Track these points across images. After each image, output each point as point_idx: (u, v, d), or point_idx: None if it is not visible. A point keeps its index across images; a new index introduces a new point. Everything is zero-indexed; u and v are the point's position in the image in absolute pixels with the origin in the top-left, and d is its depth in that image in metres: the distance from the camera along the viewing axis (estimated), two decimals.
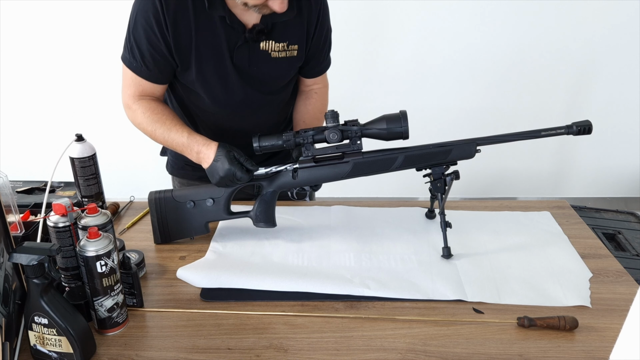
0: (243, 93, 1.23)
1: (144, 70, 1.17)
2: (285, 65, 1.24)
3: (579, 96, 2.70)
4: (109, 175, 1.45)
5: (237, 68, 1.19)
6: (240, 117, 1.28)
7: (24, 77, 2.64)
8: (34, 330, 0.85)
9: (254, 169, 1.13)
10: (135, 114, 1.21)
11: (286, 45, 1.21)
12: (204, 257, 1.14)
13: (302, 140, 1.12)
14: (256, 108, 1.27)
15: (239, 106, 1.25)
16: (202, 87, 1.20)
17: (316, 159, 1.14)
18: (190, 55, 1.15)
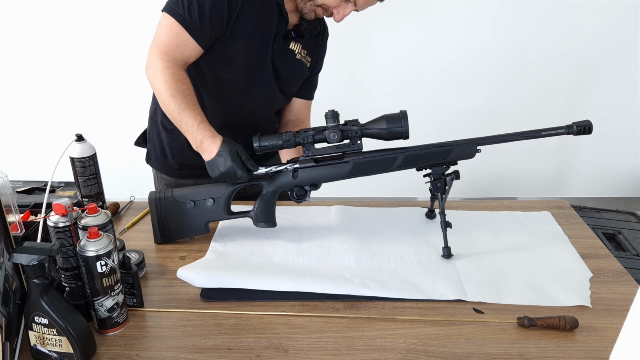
0: (268, 80, 1.28)
1: (196, 28, 1.15)
2: (302, 69, 1.35)
3: (579, 96, 2.70)
4: (109, 175, 1.46)
5: (273, 55, 1.27)
6: (250, 104, 1.31)
7: (24, 77, 2.64)
8: (34, 330, 0.85)
9: (254, 169, 1.13)
10: (158, 74, 1.15)
11: (305, 53, 1.33)
12: (204, 257, 1.14)
13: (303, 140, 1.12)
14: (268, 101, 1.33)
15: (257, 92, 1.29)
16: (237, 60, 1.24)
17: (316, 158, 1.14)
18: (245, 28, 1.19)
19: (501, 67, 2.59)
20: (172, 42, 1.15)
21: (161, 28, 1.17)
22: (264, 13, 1.21)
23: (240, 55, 1.23)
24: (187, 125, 1.13)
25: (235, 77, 1.26)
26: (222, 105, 1.31)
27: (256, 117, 1.35)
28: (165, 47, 1.16)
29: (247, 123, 1.31)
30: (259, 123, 1.36)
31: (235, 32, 1.20)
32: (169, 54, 1.15)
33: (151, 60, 1.17)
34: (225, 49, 1.22)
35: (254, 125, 1.31)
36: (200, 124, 1.12)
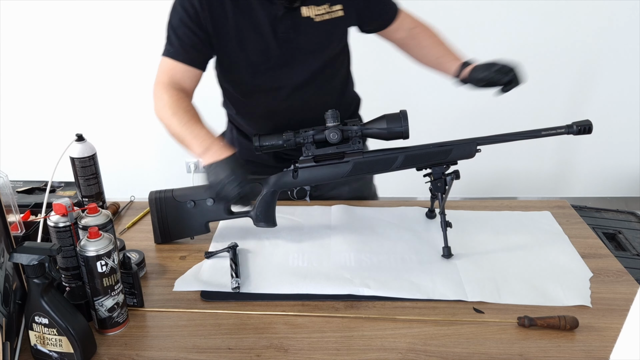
0: (288, 69, 1.22)
1: (180, 52, 1.16)
2: (331, 28, 1.21)
3: (579, 96, 2.70)
4: (109, 175, 1.45)
5: (282, 42, 1.18)
6: (285, 101, 1.26)
7: (25, 77, 2.64)
8: (34, 330, 0.85)
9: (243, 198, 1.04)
10: (158, 100, 1.15)
11: (328, 6, 1.19)
12: (201, 263, 1.13)
13: (303, 140, 1.12)
14: (304, 85, 1.25)
15: (285, 85, 1.24)
16: (247, 69, 1.21)
17: (316, 158, 1.14)
18: (229, 37, 1.17)
19: None
20: (165, 74, 1.17)
21: (158, 69, 1.20)
22: (243, 12, 1.15)
23: (240, 58, 1.20)
24: (193, 134, 1.08)
25: (248, 80, 1.24)
26: (261, 112, 1.29)
27: (307, 108, 1.26)
28: (162, 79, 1.17)
29: (302, 117, 1.21)
30: (311, 103, 1.27)
31: (221, 37, 1.17)
32: (164, 83, 1.17)
33: (154, 97, 1.17)
34: (226, 58, 1.21)
35: (309, 110, 1.24)
36: (209, 133, 1.09)
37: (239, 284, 1.04)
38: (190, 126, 1.09)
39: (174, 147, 2.86)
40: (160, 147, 2.83)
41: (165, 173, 2.88)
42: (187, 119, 1.11)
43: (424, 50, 1.32)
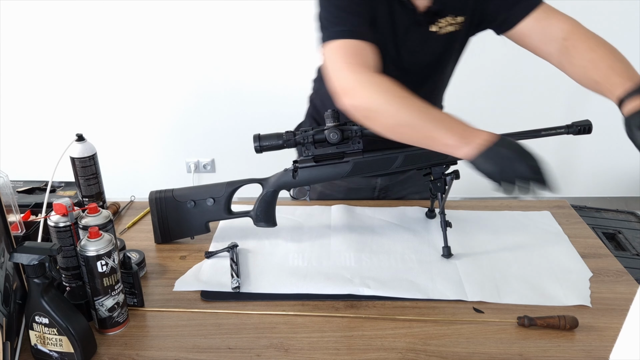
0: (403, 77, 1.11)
1: (364, 30, 0.99)
2: (453, 40, 1.15)
3: (579, 96, 2.70)
4: (109, 175, 1.46)
5: (407, 54, 1.11)
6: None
7: (24, 77, 2.65)
8: (34, 329, 0.85)
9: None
10: (369, 86, 0.94)
11: (451, 18, 1.10)
12: (200, 263, 1.13)
13: (302, 139, 1.12)
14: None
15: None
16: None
17: (316, 158, 1.14)
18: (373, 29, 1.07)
19: (501, 66, 2.59)
20: (350, 61, 0.97)
21: (332, 57, 1.00)
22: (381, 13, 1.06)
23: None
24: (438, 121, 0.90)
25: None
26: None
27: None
28: (347, 62, 0.97)
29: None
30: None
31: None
32: (357, 65, 0.96)
33: (343, 84, 0.97)
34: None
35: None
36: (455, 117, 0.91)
37: (239, 283, 1.04)
38: (432, 112, 0.90)
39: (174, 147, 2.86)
40: (160, 147, 2.83)
41: (165, 173, 2.88)
42: (424, 105, 0.91)
43: (579, 70, 1.09)
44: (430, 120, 0.89)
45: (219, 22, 2.54)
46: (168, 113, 2.74)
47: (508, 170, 0.86)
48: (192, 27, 2.56)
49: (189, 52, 2.61)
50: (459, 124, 0.89)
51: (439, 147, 0.90)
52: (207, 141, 2.83)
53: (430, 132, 0.89)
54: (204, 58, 2.62)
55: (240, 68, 2.63)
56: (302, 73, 2.64)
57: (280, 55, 2.60)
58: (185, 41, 2.59)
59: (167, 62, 2.63)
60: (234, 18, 2.53)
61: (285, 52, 2.60)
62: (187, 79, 2.67)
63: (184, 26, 2.55)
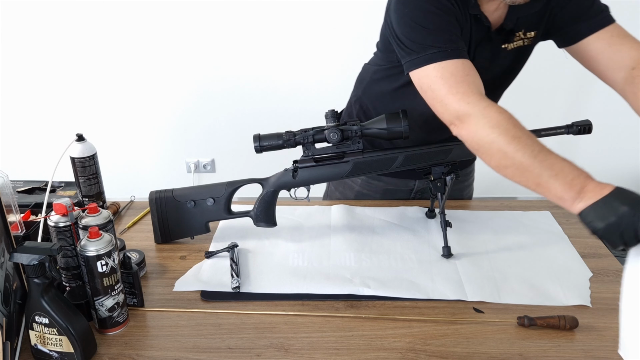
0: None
1: (461, 46, 0.96)
2: (522, 55, 1.13)
3: (579, 96, 2.70)
4: (109, 175, 1.46)
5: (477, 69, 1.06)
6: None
7: (24, 77, 2.65)
8: (34, 329, 0.85)
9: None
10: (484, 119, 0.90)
11: (522, 33, 1.07)
12: (200, 263, 1.13)
13: (302, 140, 1.12)
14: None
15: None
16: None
17: (316, 158, 1.14)
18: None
19: None
20: (456, 81, 0.93)
21: (433, 84, 0.96)
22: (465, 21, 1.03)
23: None
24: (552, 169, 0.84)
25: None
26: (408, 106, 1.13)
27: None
28: (454, 89, 0.93)
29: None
30: None
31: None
32: (472, 94, 0.92)
33: (455, 114, 0.93)
34: None
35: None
36: (573, 166, 0.85)
37: (239, 283, 1.04)
38: (546, 158, 0.85)
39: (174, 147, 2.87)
40: (160, 147, 2.83)
41: (165, 173, 2.88)
42: (538, 147, 0.86)
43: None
44: (546, 168, 0.84)
45: (219, 22, 2.54)
46: (168, 113, 2.74)
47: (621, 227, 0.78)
48: (192, 27, 2.56)
49: (189, 52, 2.61)
50: (575, 173, 0.83)
51: (552, 197, 0.85)
52: (207, 141, 2.83)
53: (545, 182, 0.84)
54: (204, 58, 2.62)
55: (240, 68, 2.63)
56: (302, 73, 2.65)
57: (280, 55, 2.60)
58: (185, 41, 2.59)
59: (167, 62, 2.63)
60: (234, 18, 2.53)
61: (286, 52, 2.60)
62: (187, 79, 2.67)
63: (184, 26, 2.55)
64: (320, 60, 2.60)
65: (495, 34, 1.06)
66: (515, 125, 0.89)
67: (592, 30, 1.06)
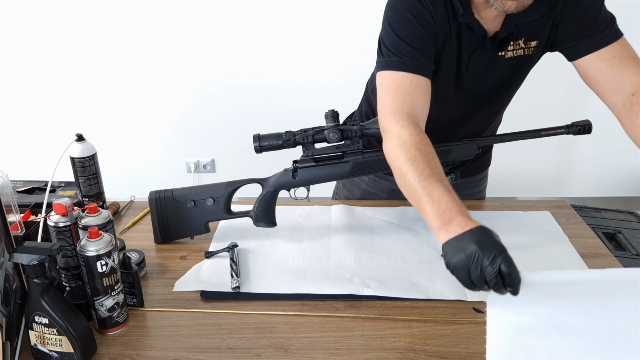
0: (466, 97, 1.14)
1: (421, 62, 0.99)
2: (521, 64, 1.11)
3: (579, 96, 2.70)
4: (109, 175, 1.46)
5: (472, 75, 1.09)
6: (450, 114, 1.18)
7: (24, 77, 2.65)
8: (34, 329, 0.85)
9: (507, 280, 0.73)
10: (394, 140, 0.95)
11: (522, 42, 1.06)
12: (200, 263, 1.13)
13: (302, 139, 1.12)
14: (474, 112, 1.17)
15: (455, 109, 1.16)
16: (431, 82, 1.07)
17: (316, 158, 1.14)
18: (438, 58, 1.06)
19: None
20: (396, 96, 0.98)
21: (380, 91, 1.01)
22: (453, 39, 1.04)
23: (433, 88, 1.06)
24: (431, 197, 0.85)
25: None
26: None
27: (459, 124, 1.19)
28: (391, 105, 0.99)
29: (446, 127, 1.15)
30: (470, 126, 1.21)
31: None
32: (398, 111, 0.97)
33: (382, 125, 1.00)
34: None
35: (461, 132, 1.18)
36: (452, 197, 0.85)
37: (239, 283, 1.04)
38: (429, 184, 0.87)
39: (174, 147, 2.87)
40: (160, 147, 2.83)
41: (165, 173, 2.88)
42: (428, 172, 0.88)
43: (638, 132, 1.03)
44: (426, 193, 0.86)
45: (219, 22, 2.54)
46: (168, 113, 2.74)
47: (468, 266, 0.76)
48: (192, 27, 2.56)
49: (189, 52, 2.61)
50: (450, 205, 0.83)
51: (427, 223, 0.86)
52: (207, 141, 2.83)
53: (424, 206, 0.86)
54: (204, 58, 2.62)
55: (240, 68, 2.63)
56: (302, 73, 2.65)
57: (280, 55, 2.60)
58: (185, 41, 2.59)
59: (167, 62, 2.63)
60: (234, 18, 2.53)
61: (286, 52, 2.60)
62: (187, 79, 2.67)
63: (184, 26, 2.55)
64: (321, 60, 2.60)
65: (490, 42, 1.05)
66: (419, 149, 0.91)
67: (593, 49, 1.03)
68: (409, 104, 0.98)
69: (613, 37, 1.03)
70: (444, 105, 1.12)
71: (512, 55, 1.07)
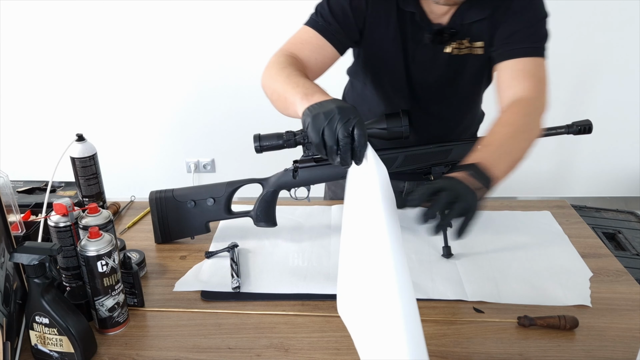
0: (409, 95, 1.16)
1: (329, 28, 1.07)
2: (466, 63, 1.12)
3: (580, 96, 2.70)
4: (109, 175, 1.46)
5: (417, 71, 1.12)
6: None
7: (25, 77, 2.65)
8: (35, 329, 0.85)
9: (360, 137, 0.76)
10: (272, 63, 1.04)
11: (468, 41, 1.09)
12: (201, 263, 1.13)
13: (303, 139, 1.12)
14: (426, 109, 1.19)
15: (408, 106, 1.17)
16: (377, 76, 1.15)
17: (316, 158, 1.14)
18: (375, 44, 1.11)
19: None
20: (295, 44, 1.09)
21: (292, 36, 1.12)
22: (394, 26, 1.09)
23: (376, 67, 1.14)
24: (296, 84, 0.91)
25: (375, 81, 1.17)
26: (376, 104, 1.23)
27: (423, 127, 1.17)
28: (286, 47, 1.09)
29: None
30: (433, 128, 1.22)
31: (369, 41, 1.11)
32: (287, 50, 1.08)
33: (269, 61, 1.07)
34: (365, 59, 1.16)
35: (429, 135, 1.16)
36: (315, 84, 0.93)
37: (239, 283, 1.04)
38: (295, 78, 0.94)
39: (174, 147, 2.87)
40: (161, 147, 2.83)
41: (165, 173, 2.88)
42: (296, 74, 0.97)
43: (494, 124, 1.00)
44: (290, 84, 0.92)
45: (219, 21, 2.54)
46: (168, 113, 2.74)
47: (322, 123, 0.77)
48: (192, 27, 2.56)
49: (189, 51, 2.61)
50: (315, 89, 0.88)
51: (292, 106, 0.89)
52: (207, 141, 2.83)
53: (290, 93, 0.90)
54: (204, 58, 2.62)
55: (240, 68, 2.63)
56: None
57: None
58: (185, 41, 2.59)
59: (167, 62, 2.63)
60: (234, 17, 2.53)
61: None
62: (187, 78, 2.67)
63: (184, 26, 2.55)
64: None
65: (437, 35, 1.07)
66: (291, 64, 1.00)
67: (506, 58, 1.05)
68: (298, 51, 1.06)
69: (530, 52, 1.04)
70: (400, 98, 1.15)
71: (458, 53, 1.09)
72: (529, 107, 0.98)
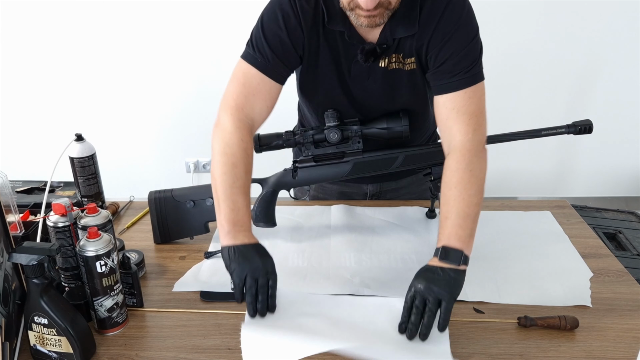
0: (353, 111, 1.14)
1: (274, 67, 1.04)
2: (401, 77, 1.09)
3: (580, 96, 2.70)
4: (108, 175, 1.45)
5: (354, 84, 1.10)
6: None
7: (24, 77, 2.64)
8: (33, 330, 0.85)
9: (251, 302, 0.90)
10: (220, 140, 1.03)
11: (401, 57, 1.07)
12: (200, 264, 1.13)
13: (302, 139, 1.12)
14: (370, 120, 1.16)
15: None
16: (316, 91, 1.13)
17: (316, 158, 1.14)
18: (311, 61, 1.08)
19: (502, 66, 2.58)
20: (238, 87, 1.05)
21: (231, 77, 1.08)
22: (327, 46, 1.07)
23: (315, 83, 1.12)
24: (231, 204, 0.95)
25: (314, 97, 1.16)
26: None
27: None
28: (235, 97, 1.05)
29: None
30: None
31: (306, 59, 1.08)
32: (234, 108, 1.04)
33: (220, 121, 1.05)
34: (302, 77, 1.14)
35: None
36: (247, 212, 0.96)
37: None
38: (238, 193, 0.96)
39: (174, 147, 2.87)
40: (160, 147, 2.83)
41: (165, 173, 2.88)
42: (241, 183, 0.98)
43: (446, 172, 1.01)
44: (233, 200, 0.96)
45: (218, 21, 2.54)
46: (167, 113, 2.74)
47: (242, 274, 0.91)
48: (191, 26, 2.55)
49: (188, 51, 2.60)
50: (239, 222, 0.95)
51: (218, 218, 0.96)
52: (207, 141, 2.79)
53: (223, 207, 0.95)
54: (203, 57, 2.61)
55: None
56: None
57: None
58: (184, 40, 2.58)
59: (166, 62, 2.63)
60: (233, 17, 2.53)
61: None
62: (186, 78, 2.67)
63: (183, 25, 2.55)
64: None
65: (360, 53, 1.05)
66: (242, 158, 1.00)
67: (438, 92, 1.03)
68: (250, 105, 1.04)
69: (463, 84, 1.01)
70: (342, 113, 1.12)
71: (394, 67, 1.07)
72: (467, 156, 0.98)
